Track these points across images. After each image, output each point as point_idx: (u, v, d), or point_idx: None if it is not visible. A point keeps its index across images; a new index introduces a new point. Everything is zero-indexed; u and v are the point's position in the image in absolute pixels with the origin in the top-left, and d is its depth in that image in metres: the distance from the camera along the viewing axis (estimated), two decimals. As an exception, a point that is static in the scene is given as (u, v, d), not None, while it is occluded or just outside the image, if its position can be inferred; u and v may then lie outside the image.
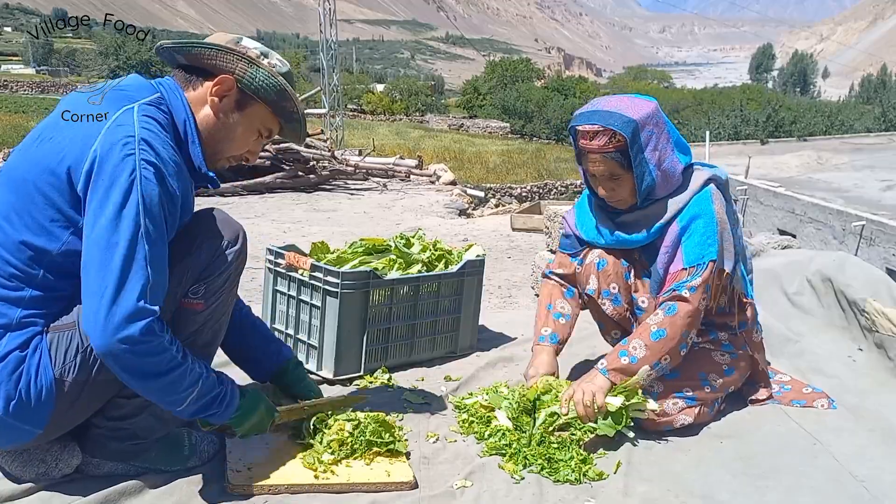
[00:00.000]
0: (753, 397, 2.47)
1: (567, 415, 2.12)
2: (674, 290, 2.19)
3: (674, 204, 2.25)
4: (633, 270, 2.39)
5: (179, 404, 1.68)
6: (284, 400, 2.14)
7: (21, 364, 1.62)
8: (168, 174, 1.63)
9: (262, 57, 1.81)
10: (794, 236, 10.00)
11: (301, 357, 2.67)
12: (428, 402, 2.42)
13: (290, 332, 2.71)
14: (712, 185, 2.28)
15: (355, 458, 1.95)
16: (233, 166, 1.92)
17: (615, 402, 2.11)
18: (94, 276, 1.54)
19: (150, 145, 1.61)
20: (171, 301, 1.72)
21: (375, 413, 2.08)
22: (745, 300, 2.38)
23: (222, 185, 1.91)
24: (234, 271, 1.85)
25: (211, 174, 1.81)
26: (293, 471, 1.88)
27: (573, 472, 1.98)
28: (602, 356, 2.24)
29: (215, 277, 1.79)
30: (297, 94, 1.89)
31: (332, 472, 1.89)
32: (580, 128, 2.20)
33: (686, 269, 2.19)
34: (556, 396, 2.20)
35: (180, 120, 1.76)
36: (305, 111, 1.95)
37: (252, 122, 1.84)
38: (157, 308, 1.58)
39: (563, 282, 2.52)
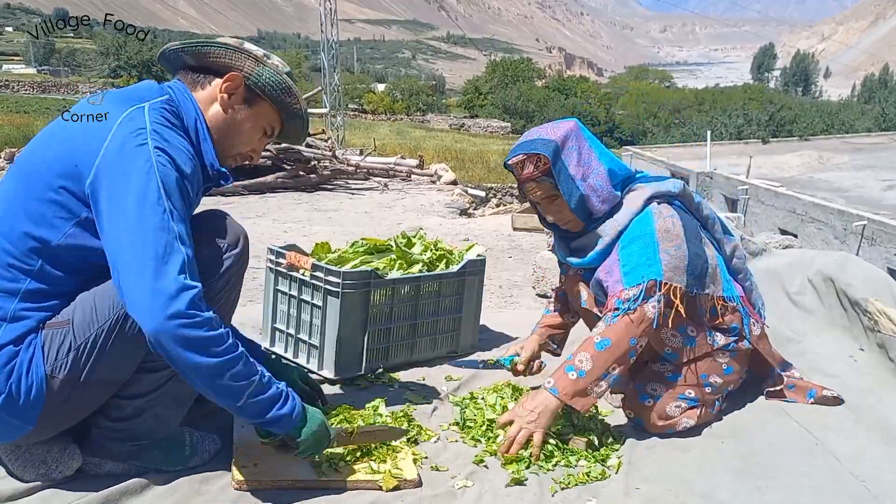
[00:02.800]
0: (770, 389, 2.49)
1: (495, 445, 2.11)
2: (615, 307, 2.15)
3: (614, 224, 2.24)
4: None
5: (237, 398, 1.65)
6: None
7: (13, 358, 1.63)
8: (181, 161, 1.66)
9: (265, 58, 1.87)
10: (795, 236, 9.99)
11: (302, 357, 2.68)
12: (429, 402, 2.42)
13: (291, 331, 2.71)
14: (654, 204, 2.25)
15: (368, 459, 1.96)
16: (237, 165, 1.94)
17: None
18: (132, 261, 1.56)
19: (161, 136, 1.65)
20: None
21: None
22: (728, 304, 2.35)
23: (223, 185, 1.91)
24: (235, 274, 1.86)
25: (223, 169, 1.84)
26: (298, 467, 1.88)
27: (574, 471, 1.98)
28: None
29: (214, 281, 1.79)
30: (300, 93, 1.93)
31: (336, 469, 1.90)
32: (510, 163, 2.25)
33: (625, 289, 2.15)
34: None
35: (191, 119, 1.79)
36: (308, 110, 1.98)
37: (258, 119, 1.88)
38: (198, 284, 1.60)
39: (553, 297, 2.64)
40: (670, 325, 2.20)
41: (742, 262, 2.48)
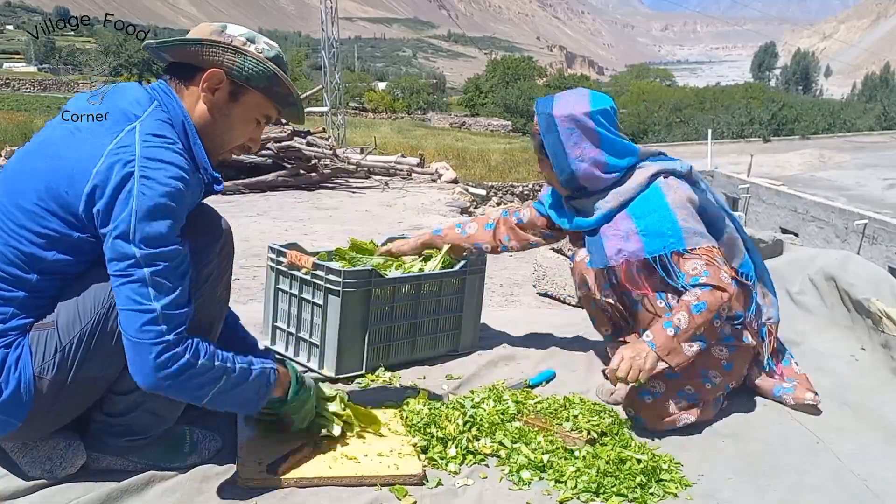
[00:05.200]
0: (757, 383, 2.49)
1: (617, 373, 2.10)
2: (694, 284, 2.18)
3: (616, 194, 2.30)
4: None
5: (203, 398, 1.69)
6: None
7: (3, 359, 1.64)
8: (171, 184, 1.62)
9: (248, 44, 1.78)
10: (796, 235, 9.98)
11: (303, 355, 2.67)
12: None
13: (292, 330, 2.71)
14: (660, 178, 2.29)
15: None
16: (237, 157, 1.93)
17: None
18: (125, 315, 1.60)
19: (150, 161, 1.61)
20: None
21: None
22: (740, 279, 2.36)
23: (216, 191, 1.91)
24: (217, 268, 1.83)
25: (216, 174, 1.81)
26: (304, 465, 1.88)
27: (577, 472, 1.98)
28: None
29: (195, 274, 1.74)
30: (289, 76, 1.85)
31: (341, 462, 1.90)
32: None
33: (681, 254, 2.20)
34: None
35: (178, 123, 1.74)
36: (304, 103, 1.93)
37: (248, 110, 1.82)
38: (184, 310, 1.63)
39: (491, 218, 2.72)
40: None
41: (739, 249, 2.45)
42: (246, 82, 1.78)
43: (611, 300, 2.49)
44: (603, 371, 2.64)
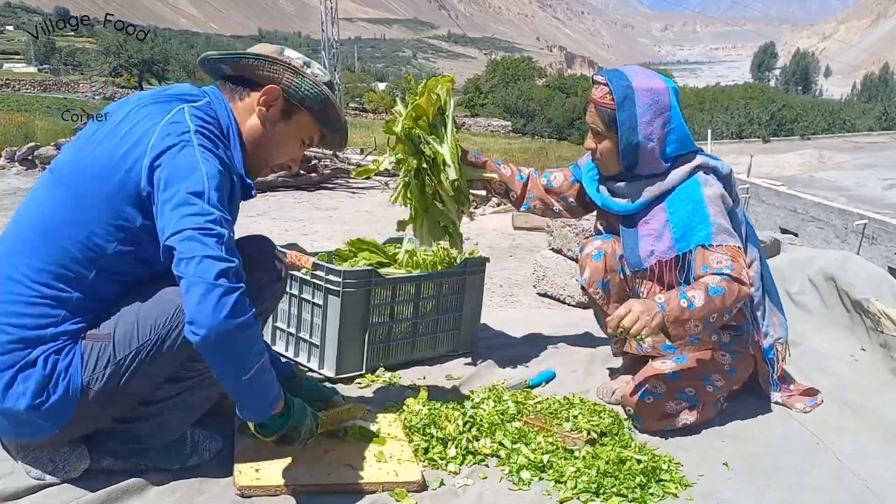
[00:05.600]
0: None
1: (618, 329, 2.02)
2: (715, 272, 2.15)
3: (660, 185, 2.28)
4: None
5: (245, 372, 1.63)
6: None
7: (54, 366, 1.64)
8: (222, 160, 1.67)
9: (305, 67, 1.87)
10: (796, 235, 9.98)
11: (303, 355, 2.68)
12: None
13: (292, 330, 2.71)
14: (700, 173, 2.29)
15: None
16: (275, 173, 1.95)
17: None
18: (186, 268, 1.54)
19: (204, 136, 1.66)
20: None
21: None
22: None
23: (252, 196, 1.93)
24: (271, 306, 1.94)
25: (249, 181, 1.84)
26: (301, 470, 1.88)
27: (577, 472, 1.98)
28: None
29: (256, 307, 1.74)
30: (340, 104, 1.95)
31: (340, 468, 1.90)
32: (595, 77, 2.33)
33: (706, 247, 2.18)
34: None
35: (225, 127, 1.79)
36: (346, 120, 2.00)
37: (297, 130, 1.89)
38: (243, 285, 1.59)
39: (522, 171, 2.62)
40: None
41: (756, 276, 2.44)
42: (300, 102, 1.85)
43: (599, 296, 2.46)
44: (608, 369, 2.64)
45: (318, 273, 2.54)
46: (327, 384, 2.43)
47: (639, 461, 2.00)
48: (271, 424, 1.77)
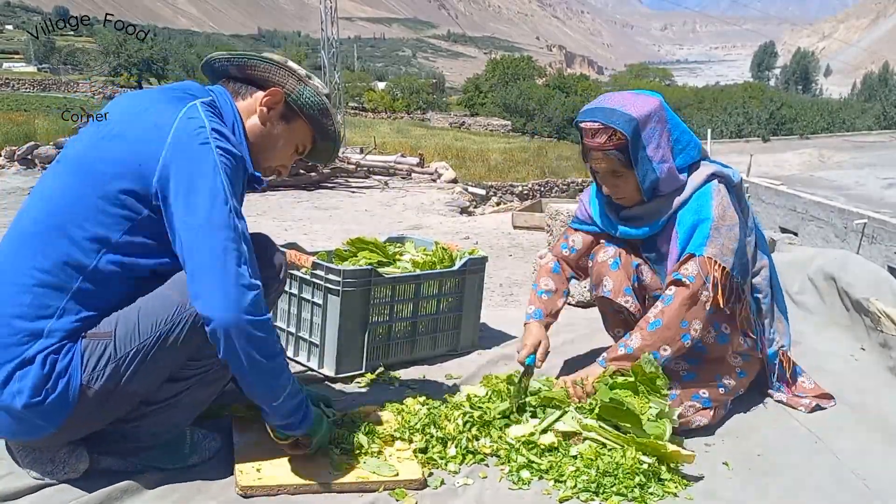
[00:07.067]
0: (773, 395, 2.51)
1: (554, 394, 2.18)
2: (672, 278, 2.21)
3: (676, 200, 2.26)
4: (644, 266, 2.39)
5: (276, 398, 1.73)
6: None
7: (53, 364, 1.63)
8: (237, 159, 1.72)
9: (308, 77, 1.93)
10: (795, 234, 9.99)
11: (302, 355, 2.67)
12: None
13: (292, 329, 2.71)
14: (715, 181, 2.27)
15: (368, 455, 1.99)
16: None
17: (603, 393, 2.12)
18: (207, 257, 1.61)
19: (221, 134, 1.70)
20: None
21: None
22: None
23: (256, 189, 1.93)
24: (271, 302, 1.96)
25: (257, 174, 1.89)
26: (302, 470, 1.87)
27: (577, 471, 1.98)
28: (602, 348, 2.25)
29: None
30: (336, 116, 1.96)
31: (340, 468, 1.90)
32: (583, 124, 2.22)
33: (686, 256, 2.20)
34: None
35: (229, 122, 1.82)
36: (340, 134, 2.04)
37: (293, 135, 1.94)
38: (260, 283, 1.67)
39: (552, 260, 2.54)
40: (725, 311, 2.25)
41: (766, 283, 2.44)
42: (300, 108, 1.91)
43: (630, 304, 2.41)
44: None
45: (318, 272, 2.54)
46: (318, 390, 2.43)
47: (642, 462, 2.00)
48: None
